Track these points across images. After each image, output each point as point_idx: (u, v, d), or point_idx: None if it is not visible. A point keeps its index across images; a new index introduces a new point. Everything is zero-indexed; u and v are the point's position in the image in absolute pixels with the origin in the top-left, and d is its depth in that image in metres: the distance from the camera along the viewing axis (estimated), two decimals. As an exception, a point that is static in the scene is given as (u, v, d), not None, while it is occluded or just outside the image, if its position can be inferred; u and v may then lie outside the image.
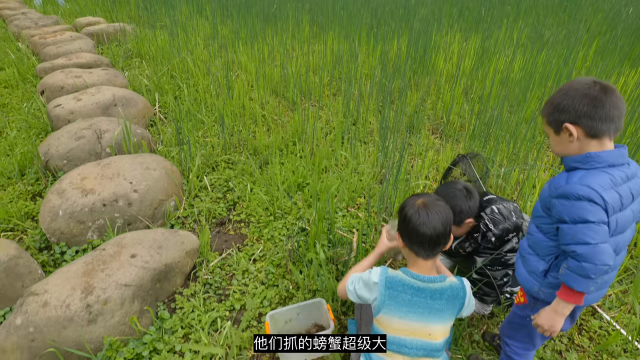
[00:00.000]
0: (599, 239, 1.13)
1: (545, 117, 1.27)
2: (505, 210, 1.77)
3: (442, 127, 3.77)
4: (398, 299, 1.34)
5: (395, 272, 1.39)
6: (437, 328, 1.37)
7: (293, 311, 1.89)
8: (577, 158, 1.21)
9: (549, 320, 1.29)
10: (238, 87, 4.06)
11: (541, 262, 1.35)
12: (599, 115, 1.14)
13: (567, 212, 1.18)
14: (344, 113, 3.87)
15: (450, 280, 1.41)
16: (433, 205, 1.35)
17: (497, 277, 1.81)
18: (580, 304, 1.23)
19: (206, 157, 3.17)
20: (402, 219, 1.39)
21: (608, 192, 1.14)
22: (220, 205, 2.77)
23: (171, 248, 2.08)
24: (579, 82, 1.19)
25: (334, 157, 3.20)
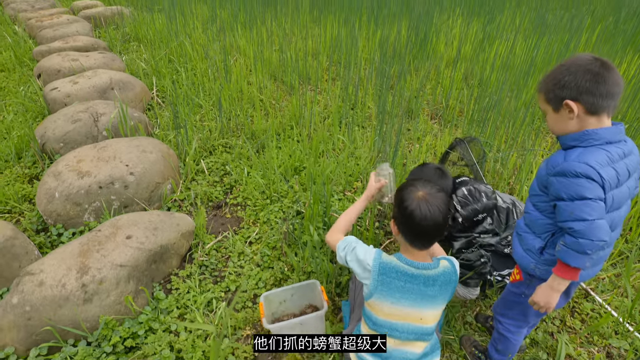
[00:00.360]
0: (596, 215, 1.14)
1: (543, 94, 1.24)
2: (476, 192, 1.78)
3: (441, 112, 3.75)
4: (391, 285, 1.35)
5: (389, 258, 1.39)
6: (428, 313, 1.38)
7: (287, 292, 1.91)
8: (574, 136, 1.20)
9: (545, 297, 1.30)
10: (236, 71, 4.03)
11: (537, 240, 1.35)
12: (600, 92, 1.13)
13: (564, 189, 1.18)
14: (343, 98, 3.84)
15: (444, 266, 1.40)
16: (434, 198, 1.31)
17: (472, 259, 1.81)
18: (575, 279, 1.25)
19: (203, 140, 3.16)
20: (401, 212, 1.34)
21: (605, 169, 1.14)
22: (217, 189, 2.77)
23: (166, 230, 2.09)
24: (580, 58, 1.17)
25: (332, 141, 3.19)
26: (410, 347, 1.41)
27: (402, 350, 1.41)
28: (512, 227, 1.83)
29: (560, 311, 2.04)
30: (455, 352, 1.84)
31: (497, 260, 1.86)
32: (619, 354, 1.88)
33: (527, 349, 1.85)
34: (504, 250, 1.84)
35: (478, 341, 1.85)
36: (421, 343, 1.42)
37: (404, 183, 1.43)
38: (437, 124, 3.66)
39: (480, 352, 1.78)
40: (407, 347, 1.41)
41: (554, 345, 1.88)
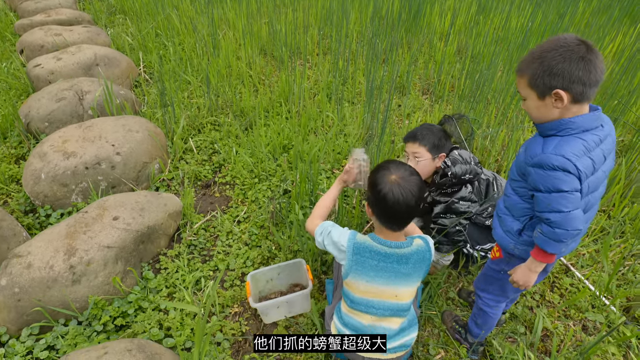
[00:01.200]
0: (571, 207, 1.17)
1: (528, 78, 1.19)
2: (466, 154, 1.82)
3: (433, 88, 3.70)
4: (365, 265, 1.38)
5: (363, 238, 1.41)
6: (403, 290, 1.42)
7: (274, 271, 1.94)
8: (552, 125, 1.19)
9: (524, 277, 1.37)
10: (225, 46, 3.94)
11: (516, 222, 1.39)
12: (590, 81, 1.10)
13: (542, 181, 1.20)
14: (333, 73, 3.78)
15: (417, 244, 1.43)
16: (407, 181, 1.31)
17: (448, 224, 1.85)
18: (551, 262, 1.31)
19: (192, 118, 3.13)
20: (375, 194, 1.34)
21: (581, 160, 1.14)
22: (206, 168, 2.77)
23: (153, 210, 2.11)
24: (568, 40, 1.12)
25: (321, 118, 3.17)
26: (387, 323, 1.46)
27: (380, 327, 1.46)
28: (492, 199, 1.87)
29: (540, 286, 2.10)
30: (437, 326, 1.91)
31: (480, 233, 1.90)
32: (594, 327, 1.95)
33: (505, 323, 1.91)
34: (485, 222, 1.87)
35: (459, 316, 1.91)
36: (397, 319, 1.47)
37: (378, 165, 1.42)
38: (428, 99, 3.63)
39: (460, 327, 1.84)
40: (384, 323, 1.46)
41: (532, 319, 1.94)
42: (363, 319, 1.46)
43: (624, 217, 2.45)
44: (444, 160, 1.83)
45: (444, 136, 1.90)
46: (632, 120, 3.18)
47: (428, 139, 1.85)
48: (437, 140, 1.85)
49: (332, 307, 1.65)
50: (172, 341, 1.72)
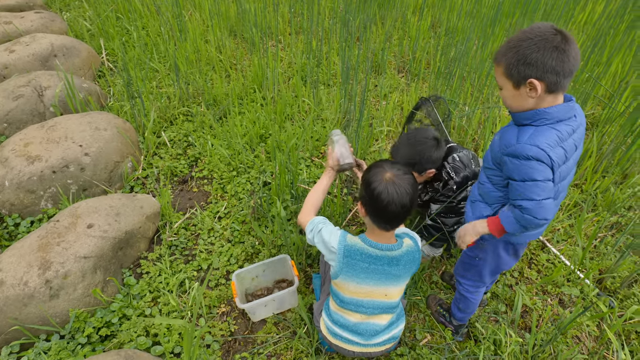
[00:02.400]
0: (544, 196, 1.20)
1: (504, 67, 1.18)
2: (466, 159, 1.79)
3: (408, 66, 3.66)
4: (355, 267, 1.37)
5: (354, 240, 1.40)
6: (393, 289, 1.43)
7: (259, 268, 1.93)
8: (527, 115, 1.20)
9: (463, 230, 1.42)
10: (192, 28, 3.75)
11: (487, 209, 1.42)
12: (564, 71, 1.10)
13: (516, 170, 1.21)
14: (307, 54, 3.68)
15: (407, 245, 1.43)
16: (401, 180, 1.29)
17: (449, 224, 1.87)
18: (497, 236, 1.35)
19: (162, 110, 3.00)
20: (369, 193, 1.31)
21: (555, 150, 1.16)
22: (181, 162, 2.68)
23: (130, 214, 2.04)
24: (543, 29, 1.11)
25: (297, 103, 3.09)
26: (376, 319, 1.48)
27: (368, 323, 1.48)
28: None
29: (519, 263, 2.17)
30: (422, 311, 1.95)
31: None
32: (569, 300, 2.04)
33: (487, 303, 1.97)
34: None
35: (443, 299, 1.96)
36: (386, 315, 1.49)
37: (371, 164, 1.40)
38: (404, 77, 3.59)
39: (445, 310, 1.90)
40: (373, 319, 1.48)
41: (512, 297, 2.01)
42: (352, 317, 1.47)
43: (596, 191, 2.54)
44: (447, 170, 1.77)
45: (429, 148, 1.72)
46: (601, 93, 3.24)
47: (407, 159, 1.72)
48: (418, 158, 1.71)
49: (321, 304, 1.66)
50: (160, 348, 1.71)
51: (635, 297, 2.01)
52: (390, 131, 2.90)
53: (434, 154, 1.73)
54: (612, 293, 2.06)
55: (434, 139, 1.75)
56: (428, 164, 1.74)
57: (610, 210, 2.43)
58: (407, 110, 3.01)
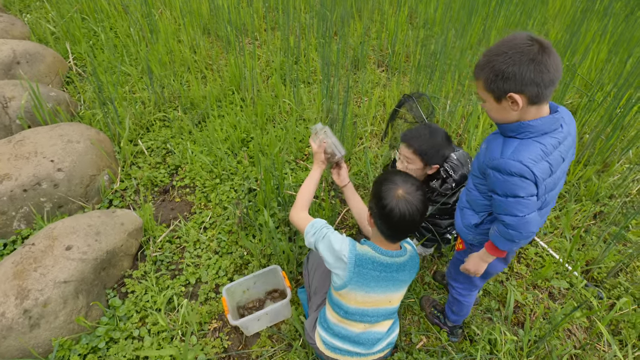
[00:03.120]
0: (526, 212, 1.19)
1: (482, 82, 1.16)
2: (462, 158, 1.79)
3: (388, 59, 3.62)
4: (366, 276, 1.36)
5: (364, 249, 1.38)
6: (396, 295, 1.43)
7: (249, 281, 1.88)
8: (511, 127, 1.18)
9: (475, 265, 1.45)
10: (163, 28, 3.60)
11: (475, 217, 1.42)
12: (544, 81, 1.07)
13: (499, 185, 1.20)
14: (285, 51, 3.59)
15: (409, 251, 1.45)
16: (413, 197, 1.28)
17: (443, 225, 1.86)
18: (502, 256, 1.38)
19: (137, 116, 2.88)
20: (380, 209, 1.30)
21: (538, 165, 1.14)
22: (161, 172, 2.59)
23: (110, 232, 1.95)
24: (518, 42, 1.08)
25: (277, 104, 3.02)
26: (378, 327, 1.47)
27: (370, 332, 1.47)
28: None
29: (508, 258, 2.19)
30: (416, 313, 1.95)
31: None
32: (559, 292, 2.07)
33: (479, 301, 1.98)
34: None
35: (437, 300, 1.96)
36: (387, 322, 1.49)
37: (382, 177, 1.37)
38: (384, 72, 3.55)
39: (439, 312, 1.89)
40: (376, 328, 1.47)
41: (504, 293, 2.03)
42: (356, 328, 1.45)
43: (579, 181, 2.58)
44: (445, 168, 1.76)
45: (443, 144, 1.72)
46: (578, 83, 3.28)
47: (423, 147, 1.73)
48: (432, 150, 1.71)
49: (312, 319, 1.62)
50: (151, 373, 1.65)
51: (621, 286, 2.06)
52: (375, 130, 2.87)
53: (446, 150, 1.73)
54: (599, 283, 2.10)
55: (448, 138, 1.75)
56: (438, 157, 1.73)
57: (593, 200, 2.48)
58: (390, 106, 2.98)
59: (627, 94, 2.63)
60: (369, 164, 2.53)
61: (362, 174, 2.56)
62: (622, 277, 2.10)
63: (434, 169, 1.77)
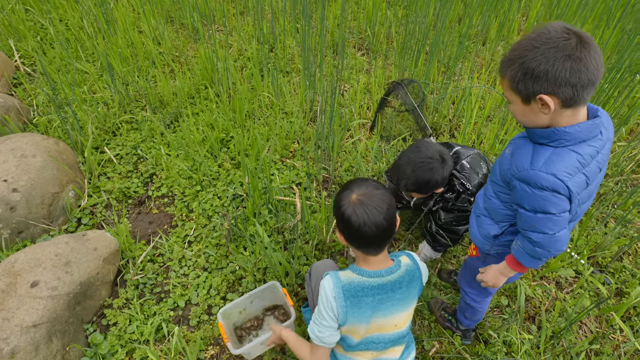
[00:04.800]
0: (557, 229, 1.08)
1: (508, 81, 1.01)
2: (475, 162, 1.65)
3: (368, 42, 3.43)
4: (361, 305, 1.20)
5: (349, 277, 1.22)
6: (401, 317, 1.29)
7: (246, 301, 1.72)
8: (543, 134, 1.03)
9: (493, 278, 1.33)
10: (120, 18, 3.26)
11: (495, 227, 1.30)
12: (582, 82, 0.92)
13: (527, 199, 1.07)
14: (258, 38, 3.34)
15: (405, 264, 1.29)
16: (370, 199, 1.14)
17: (460, 232, 1.75)
18: (525, 272, 1.27)
19: (100, 120, 2.59)
20: (339, 218, 1.19)
21: (574, 179, 1.01)
22: (134, 181, 2.34)
23: (82, 261, 1.72)
24: (552, 34, 0.92)
25: (256, 98, 2.80)
26: (389, 354, 1.34)
27: (381, 359, 1.33)
28: None
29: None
30: (425, 318, 1.85)
31: None
32: (565, 281, 2.02)
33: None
34: None
35: (446, 302, 1.86)
36: (399, 347, 1.35)
37: (343, 186, 1.25)
38: (365, 56, 3.36)
39: (450, 315, 1.80)
40: (386, 355, 1.33)
41: (512, 287, 1.95)
42: (364, 357, 1.31)
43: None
44: (459, 181, 1.62)
45: (432, 172, 1.56)
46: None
47: (410, 188, 1.63)
48: (422, 184, 1.59)
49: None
50: (146, 418, 1.47)
51: (626, 269, 2.02)
52: (364, 123, 2.70)
53: (440, 175, 1.57)
54: (604, 268, 2.06)
55: (439, 157, 1.58)
56: (435, 187, 1.60)
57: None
58: (377, 94, 2.81)
59: (613, 70, 2.57)
60: (360, 158, 2.38)
61: (354, 170, 2.41)
62: (626, 260, 2.07)
63: (439, 190, 1.66)
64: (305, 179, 2.33)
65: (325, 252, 2.03)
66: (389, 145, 2.53)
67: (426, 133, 2.49)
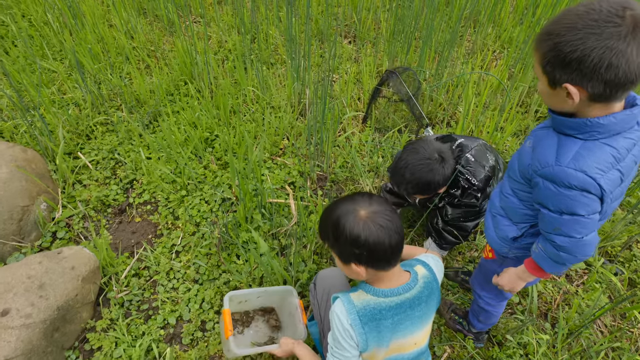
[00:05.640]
0: (585, 232, 0.95)
1: (540, 56, 0.88)
2: (480, 154, 1.54)
3: (354, 29, 3.28)
4: (381, 329, 1.09)
5: (363, 299, 1.11)
6: (420, 334, 1.18)
7: (254, 294, 1.61)
8: (572, 124, 0.91)
9: (510, 283, 1.23)
10: (88, 11, 3.03)
11: (513, 228, 1.18)
12: (618, 80, 0.78)
13: (552, 200, 0.95)
14: (238, 28, 3.15)
15: (423, 276, 1.18)
16: (381, 215, 1.04)
17: (469, 228, 1.64)
18: (546, 278, 1.19)
19: (72, 123, 2.39)
20: (349, 241, 1.05)
21: (607, 176, 0.89)
22: (113, 188, 2.16)
23: (59, 282, 1.55)
24: (603, 14, 0.77)
25: (240, 92, 2.62)
26: None
27: None
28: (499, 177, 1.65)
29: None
30: (435, 321, 1.74)
31: None
32: (576, 274, 1.94)
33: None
34: None
35: (455, 304, 1.76)
36: None
37: (329, 207, 1.15)
38: (352, 44, 3.21)
39: (460, 317, 1.70)
40: None
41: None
42: (382, 377, 1.20)
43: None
44: (464, 177, 1.53)
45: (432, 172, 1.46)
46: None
47: (411, 191, 1.53)
48: (422, 186, 1.49)
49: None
50: None
51: (636, 258, 1.96)
52: (355, 115, 2.56)
53: (441, 175, 1.46)
54: (613, 257, 1.99)
55: (438, 156, 1.46)
56: (437, 188, 1.50)
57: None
58: (367, 84, 2.67)
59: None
60: (355, 153, 2.25)
61: (349, 165, 2.28)
62: (636, 249, 2.00)
63: (442, 190, 1.55)
64: (298, 178, 2.19)
65: (325, 256, 1.90)
66: (383, 138, 2.40)
67: (422, 123, 2.37)
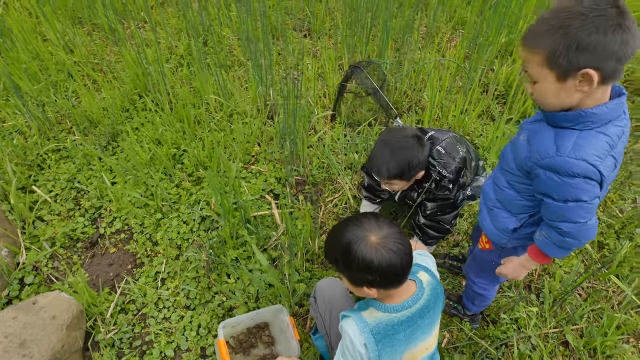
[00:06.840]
0: (589, 217, 1.03)
1: (546, 55, 0.90)
2: (450, 146, 1.56)
3: (308, 22, 3.22)
4: (394, 343, 1.10)
5: (375, 317, 1.11)
6: (430, 339, 1.22)
7: (246, 318, 1.56)
8: (569, 117, 0.97)
9: (514, 272, 1.28)
10: (16, 26, 2.74)
11: (512, 219, 1.23)
12: (626, 55, 0.86)
13: (556, 189, 1.01)
14: (187, 31, 2.99)
15: (427, 282, 1.20)
16: (392, 239, 1.05)
17: (448, 220, 1.69)
18: (549, 263, 1.21)
19: (19, 154, 2.18)
20: (361, 267, 1.04)
21: (605, 162, 0.96)
22: (79, 220, 2.01)
23: (41, 336, 1.43)
24: (600, 1, 0.84)
25: (202, 101, 2.51)
26: None
27: None
28: (473, 168, 1.69)
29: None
30: (430, 310, 1.80)
31: None
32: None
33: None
34: None
35: (447, 290, 1.82)
36: None
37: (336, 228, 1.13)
38: (307, 38, 3.16)
39: (455, 302, 1.76)
40: None
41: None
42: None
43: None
44: (436, 170, 1.54)
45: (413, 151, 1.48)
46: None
47: (393, 172, 1.51)
48: (404, 167, 1.49)
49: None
50: None
51: (600, 221, 2.11)
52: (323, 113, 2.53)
53: (421, 155, 1.48)
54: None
55: (415, 137, 1.49)
56: (417, 168, 1.50)
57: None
58: (331, 80, 2.64)
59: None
60: (329, 152, 2.24)
61: (325, 165, 2.26)
62: (598, 211, 2.16)
63: (420, 175, 1.57)
64: (276, 185, 2.14)
65: (316, 262, 1.89)
66: (354, 132, 2.40)
67: (391, 114, 2.39)
